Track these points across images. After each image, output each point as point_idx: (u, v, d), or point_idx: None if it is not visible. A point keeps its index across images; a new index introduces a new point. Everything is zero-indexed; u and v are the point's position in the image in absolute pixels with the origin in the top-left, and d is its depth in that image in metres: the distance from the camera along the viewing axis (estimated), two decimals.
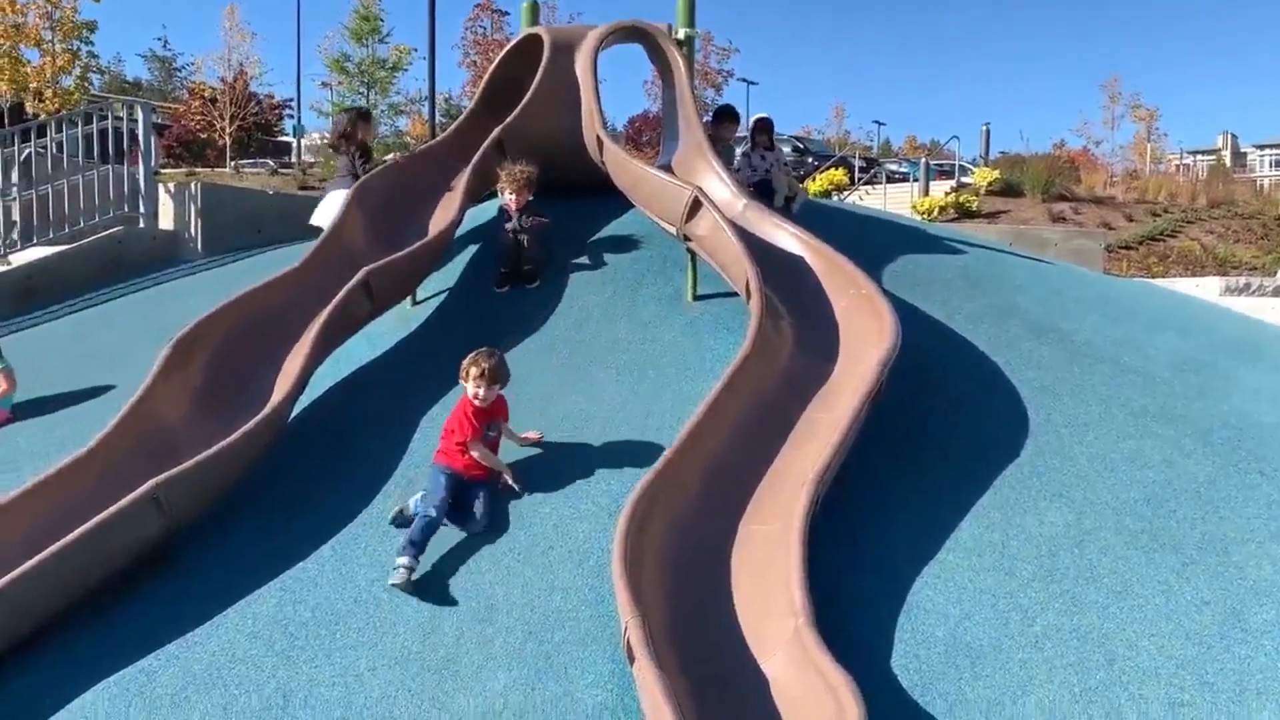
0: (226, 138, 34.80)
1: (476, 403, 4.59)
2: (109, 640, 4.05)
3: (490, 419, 4.68)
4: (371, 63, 24.59)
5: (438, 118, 21.85)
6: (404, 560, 4.19)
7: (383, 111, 25.21)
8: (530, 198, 6.47)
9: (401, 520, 4.53)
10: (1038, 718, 3.49)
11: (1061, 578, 4.10)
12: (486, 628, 4.00)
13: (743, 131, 9.43)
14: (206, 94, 39.17)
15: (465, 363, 4.64)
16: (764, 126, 7.97)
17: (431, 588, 4.20)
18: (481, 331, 6.09)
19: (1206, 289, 9.60)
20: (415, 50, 27.26)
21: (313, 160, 31.46)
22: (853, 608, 3.96)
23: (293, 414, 5.18)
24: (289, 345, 5.41)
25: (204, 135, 38.61)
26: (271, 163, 34.09)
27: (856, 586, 4.08)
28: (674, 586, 3.93)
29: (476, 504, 4.52)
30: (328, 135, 31.68)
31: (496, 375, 4.63)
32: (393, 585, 4.14)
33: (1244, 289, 9.51)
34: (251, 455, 4.72)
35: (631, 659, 3.45)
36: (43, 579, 4.01)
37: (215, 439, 4.67)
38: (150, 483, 4.27)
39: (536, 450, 4.96)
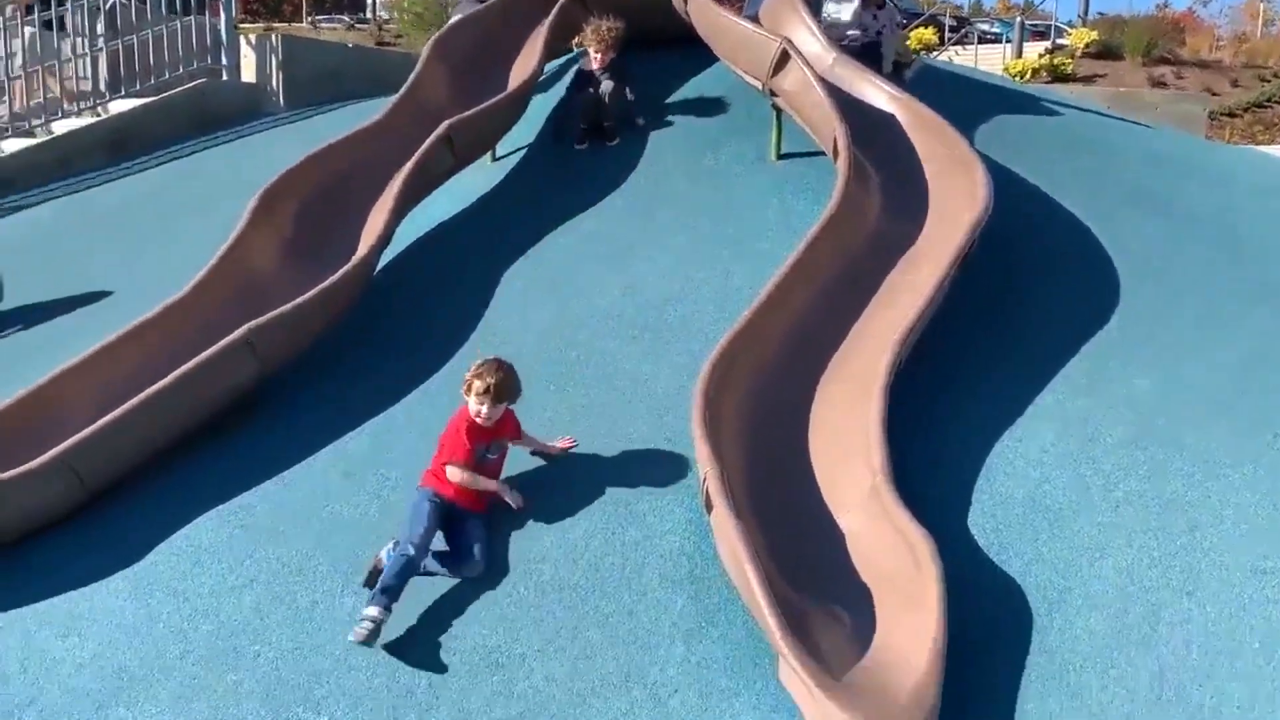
0: None
1: (478, 420, 3.79)
2: (208, 476, 4.26)
3: (492, 438, 3.86)
4: None
5: None
6: (371, 611, 3.39)
7: None
8: (614, 55, 6.31)
9: (373, 579, 3.62)
10: (1114, 578, 3.51)
11: (1146, 445, 4.05)
12: (569, 474, 4.11)
13: None
14: None
15: (469, 374, 3.84)
16: None
17: None
18: (561, 187, 6.08)
19: None
20: None
21: (388, 17, 31.03)
22: (931, 468, 3.97)
23: (378, 267, 5.25)
24: (372, 199, 5.45)
25: None
26: (348, 18, 33.73)
27: (936, 448, 4.09)
28: (752, 443, 3.98)
29: (475, 544, 3.71)
30: None
31: (504, 392, 3.80)
32: (353, 641, 3.36)
33: None
34: (340, 304, 4.83)
35: (709, 508, 3.53)
36: (144, 418, 4.21)
37: (304, 288, 4.77)
38: (244, 327, 4.41)
39: (619, 309, 4.98)
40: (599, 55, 6.29)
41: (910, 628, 3.18)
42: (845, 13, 6.76)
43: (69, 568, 3.89)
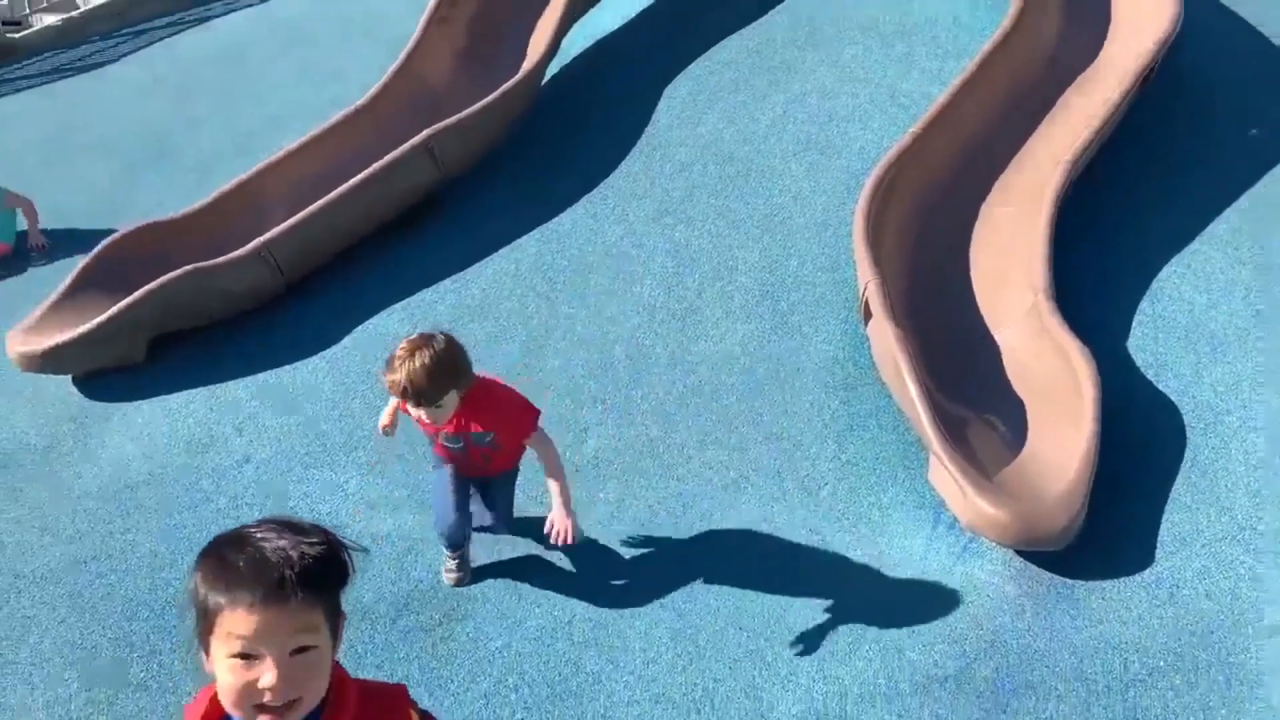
0: None
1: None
2: (393, 272, 4.58)
3: (438, 431, 2.99)
4: None
5: None
6: (449, 564, 3.17)
7: None
8: None
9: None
10: (1276, 403, 3.49)
11: None
12: (726, 285, 4.26)
13: None
14: None
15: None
16: None
17: (675, 247, 4.45)
18: (720, 3, 5.98)
19: None
20: None
21: None
22: (1094, 291, 3.95)
23: (544, 80, 5.36)
24: (540, 10, 5.52)
25: None
26: None
27: (1100, 271, 4.05)
28: (913, 258, 4.03)
29: (489, 512, 3.23)
30: None
31: (422, 392, 2.77)
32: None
33: None
34: (511, 114, 5.00)
35: (868, 317, 3.64)
36: (333, 214, 4.51)
37: (477, 96, 4.95)
38: (423, 133, 4.63)
39: (781, 124, 4.99)
40: None
41: (1064, 439, 3.27)
42: None
43: (276, 348, 4.30)
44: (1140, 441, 3.41)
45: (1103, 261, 4.09)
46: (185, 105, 6.44)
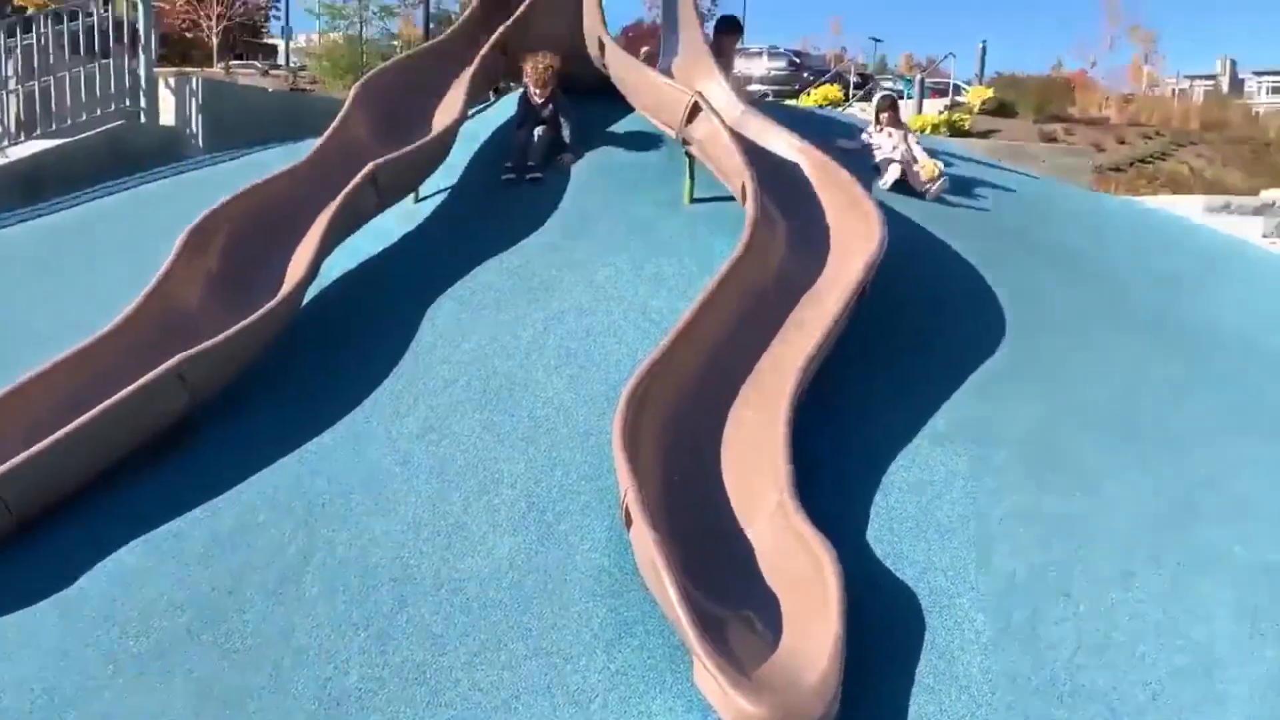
0: (214, 37, 34.22)
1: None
2: (140, 504, 4.33)
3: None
4: None
5: (430, 23, 21.59)
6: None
7: (374, 13, 24.91)
8: (553, 88, 6.77)
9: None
10: (1000, 585, 3.82)
11: (1028, 464, 4.40)
12: (492, 499, 4.30)
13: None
14: None
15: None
16: (893, 104, 7.57)
17: (440, 464, 4.48)
18: (484, 226, 6.30)
19: (1188, 208, 9.82)
20: None
21: (302, 64, 31.00)
22: (832, 488, 4.25)
23: (304, 302, 5.39)
24: (299, 236, 5.60)
25: (189, 35, 37.87)
26: (259, 64, 33.57)
27: (836, 469, 4.38)
28: (668, 463, 4.22)
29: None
30: (316, 37, 31.12)
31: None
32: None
33: (1224, 208, 9.73)
34: (268, 337, 4.96)
35: (629, 524, 3.75)
36: (75, 445, 4.26)
37: (230, 323, 4.89)
38: (175, 358, 4.52)
39: (542, 340, 5.20)
40: (538, 90, 6.74)
41: (814, 630, 3.43)
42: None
43: None
44: (884, 628, 3.63)
45: (839, 459, 4.43)
46: None
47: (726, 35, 8.04)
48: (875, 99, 7.81)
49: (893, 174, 6.90)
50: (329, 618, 3.76)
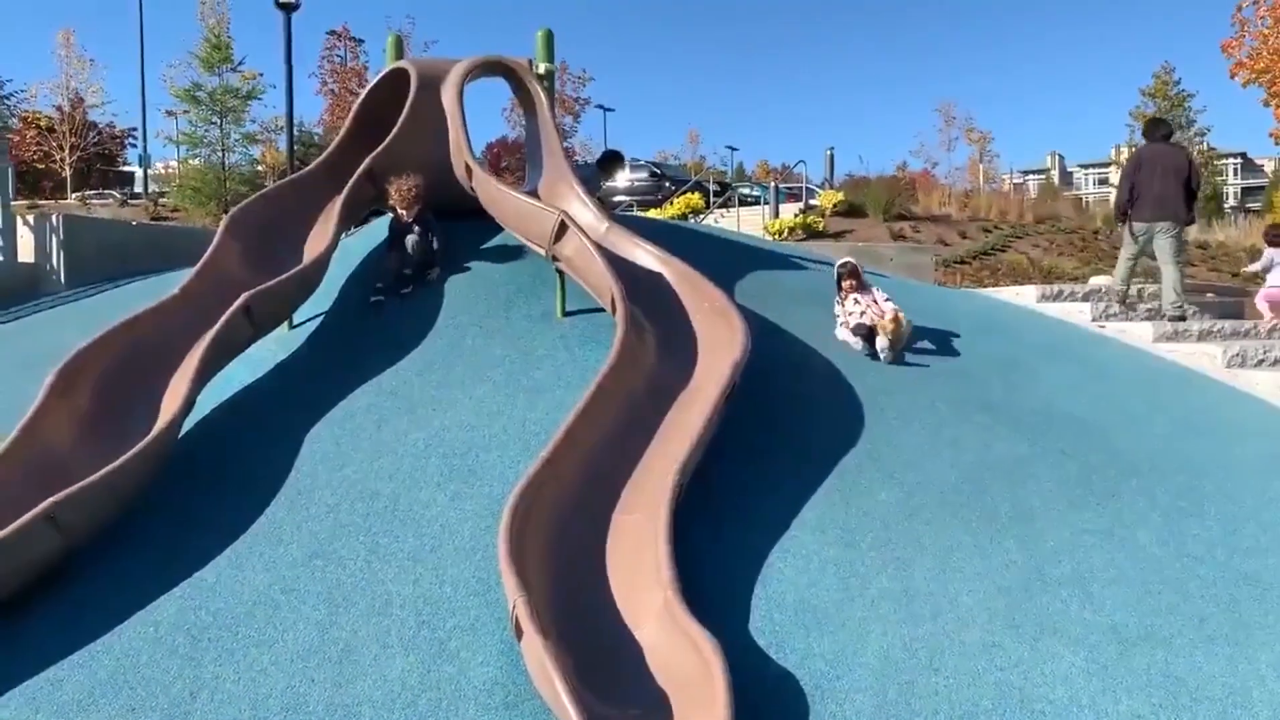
0: (67, 169, 33.49)
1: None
2: (12, 653, 4.19)
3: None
4: (224, 91, 24.20)
5: (294, 147, 21.69)
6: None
7: (236, 141, 24.85)
8: (419, 208, 7.11)
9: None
10: (876, 664, 4.04)
11: (893, 546, 4.69)
12: (382, 620, 4.32)
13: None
14: (43, 123, 37.55)
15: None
16: (853, 271, 7.09)
17: (327, 589, 4.49)
18: (359, 349, 6.39)
19: (1025, 296, 10.59)
20: (262, 75, 27.02)
21: (161, 190, 30.56)
22: (713, 581, 4.44)
23: (181, 434, 5.36)
24: (172, 370, 5.60)
25: (41, 166, 37.01)
26: (117, 194, 32.93)
27: (717, 564, 4.57)
28: (555, 572, 4.34)
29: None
30: (175, 164, 30.81)
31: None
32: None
33: (1057, 295, 10.52)
34: (143, 474, 4.91)
35: (519, 634, 3.84)
36: None
37: (104, 461, 4.83)
38: (46, 502, 4.43)
39: (424, 459, 5.29)
40: (404, 210, 7.08)
41: None
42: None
43: None
44: (771, 715, 3.79)
45: (719, 552, 4.62)
46: None
47: (614, 167, 8.63)
48: (835, 267, 7.19)
49: (863, 339, 6.63)
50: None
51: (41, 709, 3.94)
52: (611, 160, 8.70)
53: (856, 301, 6.91)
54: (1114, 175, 50.87)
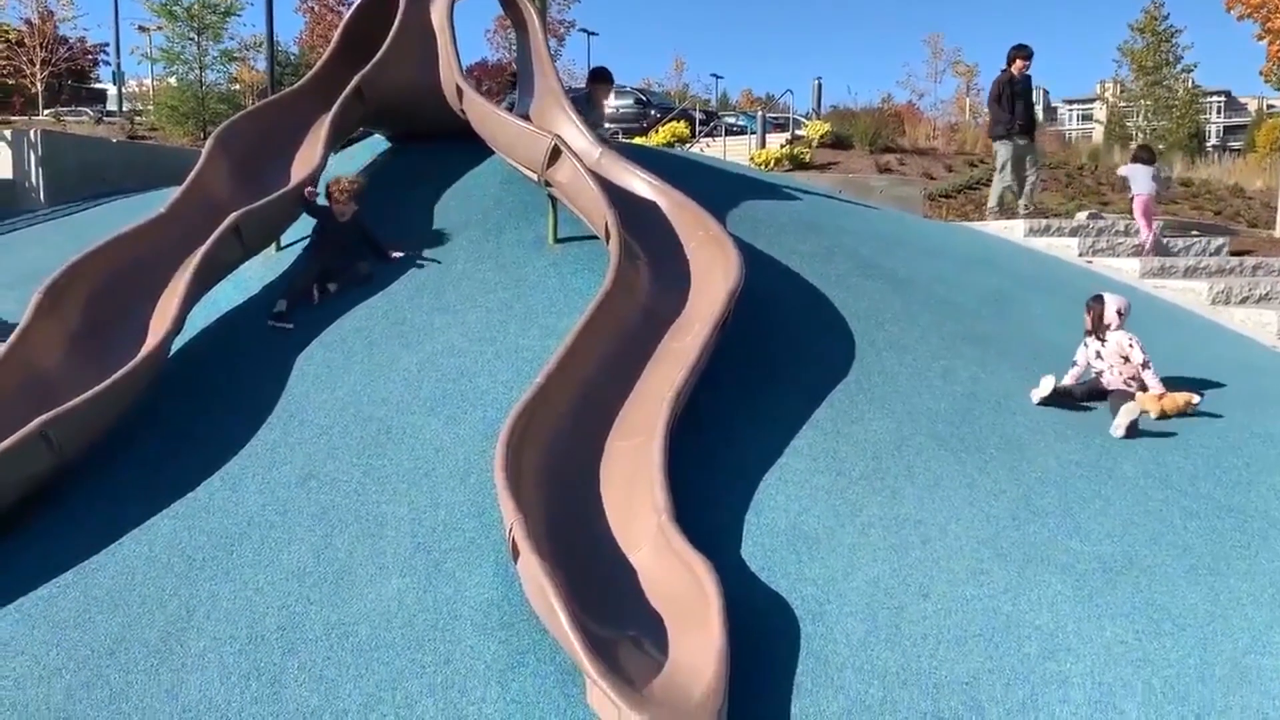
0: (38, 84, 32.65)
1: None
2: (7, 569, 4.21)
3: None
4: (202, 6, 23.55)
5: (274, 67, 21.18)
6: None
7: (214, 59, 24.23)
8: (356, 208, 6.47)
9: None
10: (865, 589, 4.11)
11: (884, 475, 4.74)
12: (377, 542, 4.35)
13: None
14: (11, 36, 36.46)
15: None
16: (1095, 300, 5.56)
17: (322, 510, 4.50)
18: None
19: (1013, 231, 10.58)
20: None
21: (136, 109, 29.85)
22: (707, 509, 4.48)
23: (170, 354, 5.32)
24: (160, 289, 5.54)
25: (10, 82, 36.02)
26: (90, 112, 32.17)
27: (710, 491, 4.61)
28: (550, 496, 4.36)
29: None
30: (150, 81, 30.05)
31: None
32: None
33: (1045, 230, 10.52)
34: (134, 392, 4.88)
35: (516, 555, 3.88)
36: None
37: (93, 380, 4.80)
38: (38, 420, 4.41)
39: (416, 383, 5.28)
40: (340, 207, 6.43)
41: (697, 644, 3.63)
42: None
43: None
44: (762, 638, 3.85)
45: (713, 479, 4.66)
46: None
47: (600, 85, 8.29)
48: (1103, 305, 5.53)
49: (1123, 412, 5.17)
50: (218, 671, 3.74)
51: (38, 625, 3.96)
52: (601, 78, 8.38)
53: (1099, 356, 5.49)
54: (1099, 111, 50.74)
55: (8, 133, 9.26)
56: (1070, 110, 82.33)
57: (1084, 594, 4.11)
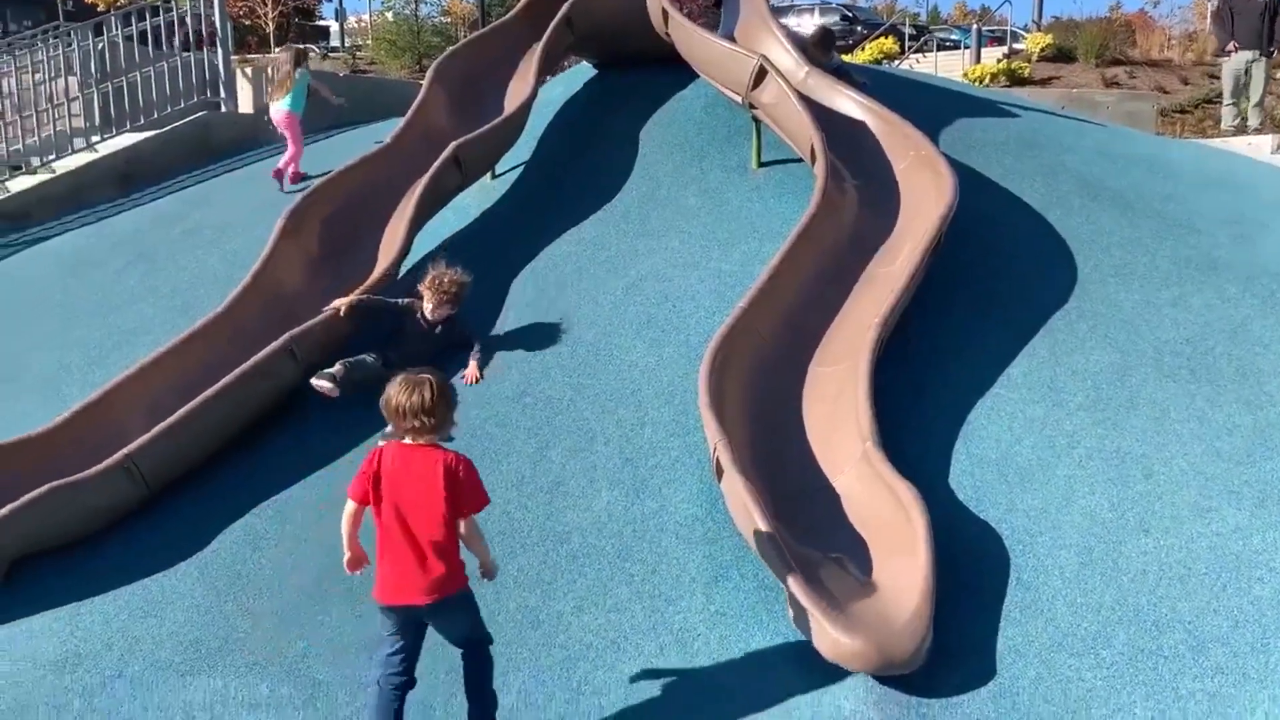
0: (270, 24, 34.76)
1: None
2: (260, 471, 4.68)
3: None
4: None
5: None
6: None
7: None
8: (453, 310, 5.19)
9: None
10: (1080, 522, 3.98)
11: (1105, 407, 4.53)
12: (588, 456, 4.54)
13: None
14: None
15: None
16: None
17: (536, 425, 4.73)
18: (559, 200, 6.52)
19: (1258, 148, 9.68)
20: None
21: (356, 44, 31.36)
22: (914, 436, 4.42)
23: (399, 276, 5.66)
24: (388, 216, 5.89)
25: (246, 23, 38.46)
26: (315, 49, 34.01)
27: (918, 419, 4.54)
28: (753, 419, 4.42)
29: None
30: (368, 17, 31.34)
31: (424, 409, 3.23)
32: None
33: None
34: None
35: (720, 475, 3.97)
36: (197, 422, 4.61)
37: (331, 298, 5.18)
38: (286, 335, 4.82)
39: (622, 306, 5.42)
40: (433, 309, 5.14)
41: (903, 569, 3.63)
42: None
43: (141, 558, 4.28)
44: (970, 565, 3.81)
45: (919, 407, 4.59)
46: (25, 326, 6.42)
47: (821, 48, 8.04)
48: None
49: None
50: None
51: (287, 521, 4.38)
52: (825, 38, 7.97)
53: None
54: None
55: (249, 70, 9.96)
56: None
57: None
